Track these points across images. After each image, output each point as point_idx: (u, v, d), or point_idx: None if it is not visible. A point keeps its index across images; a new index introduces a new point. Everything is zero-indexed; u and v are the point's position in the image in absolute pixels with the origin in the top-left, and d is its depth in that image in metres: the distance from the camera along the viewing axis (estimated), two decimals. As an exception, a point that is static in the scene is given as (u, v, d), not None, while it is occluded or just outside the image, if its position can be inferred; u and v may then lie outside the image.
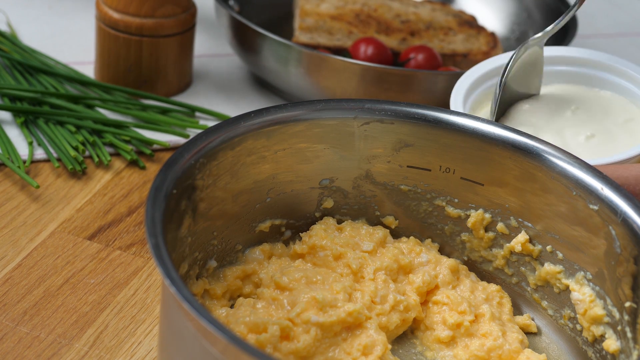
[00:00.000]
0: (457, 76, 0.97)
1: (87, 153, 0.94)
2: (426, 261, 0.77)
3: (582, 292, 0.73)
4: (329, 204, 0.79)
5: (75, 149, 0.93)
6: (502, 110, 0.89)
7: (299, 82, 1.00)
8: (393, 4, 1.18)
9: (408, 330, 0.76)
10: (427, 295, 0.76)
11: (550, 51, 0.95)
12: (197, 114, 1.03)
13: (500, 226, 0.77)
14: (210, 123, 1.01)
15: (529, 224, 0.76)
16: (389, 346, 0.70)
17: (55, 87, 1.01)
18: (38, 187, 0.88)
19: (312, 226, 0.78)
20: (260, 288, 0.73)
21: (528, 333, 0.77)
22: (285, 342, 0.67)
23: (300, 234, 0.78)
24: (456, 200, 0.78)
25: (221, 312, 0.70)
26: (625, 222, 0.69)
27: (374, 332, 0.70)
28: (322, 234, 0.77)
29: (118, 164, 0.94)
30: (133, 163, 0.95)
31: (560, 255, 0.74)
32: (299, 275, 0.72)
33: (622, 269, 0.69)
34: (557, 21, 0.88)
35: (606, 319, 0.71)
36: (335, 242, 0.76)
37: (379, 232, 0.78)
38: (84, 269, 0.81)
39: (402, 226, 0.80)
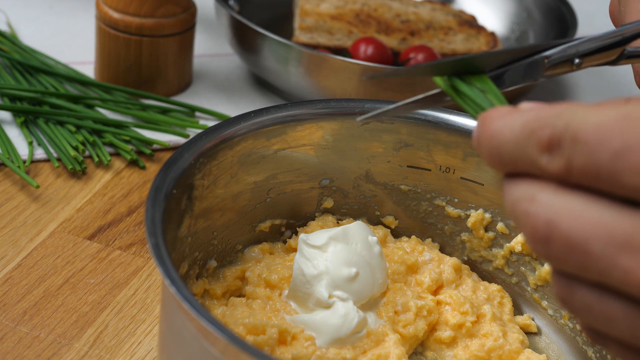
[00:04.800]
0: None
1: (87, 153, 0.94)
2: (429, 259, 0.77)
3: (582, 292, 0.73)
4: (329, 204, 0.79)
5: (75, 148, 0.93)
6: None
7: (299, 82, 1.00)
8: (393, 4, 1.18)
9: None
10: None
11: None
12: (197, 114, 1.03)
13: (500, 226, 0.77)
14: (210, 123, 1.01)
15: (529, 224, 0.76)
16: None
17: (55, 87, 1.01)
18: (38, 187, 0.88)
19: (310, 222, 0.78)
20: (248, 286, 0.73)
21: (528, 333, 0.77)
22: (282, 345, 0.67)
23: (297, 229, 0.79)
24: (456, 200, 0.78)
25: (217, 311, 0.70)
26: (625, 222, 0.69)
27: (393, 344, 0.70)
28: (318, 229, 0.77)
29: (118, 163, 0.94)
30: (133, 163, 0.95)
31: (560, 255, 0.74)
32: (288, 273, 0.72)
33: (622, 269, 0.69)
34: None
35: (606, 319, 0.71)
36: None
37: (379, 232, 0.78)
38: (84, 269, 0.81)
39: (402, 226, 0.80)
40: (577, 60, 0.57)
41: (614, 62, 0.59)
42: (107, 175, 0.93)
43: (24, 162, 0.92)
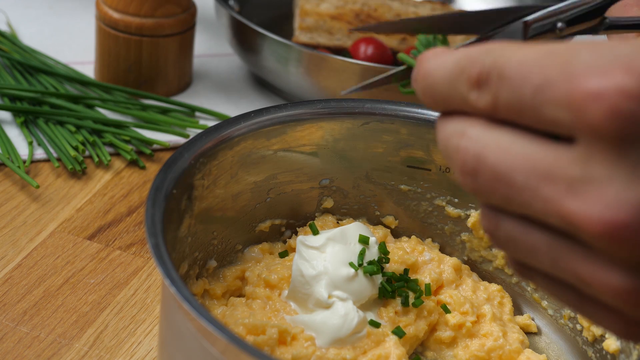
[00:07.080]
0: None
1: (87, 153, 0.94)
2: (429, 259, 0.77)
3: (582, 292, 0.73)
4: (329, 204, 0.79)
5: (75, 148, 0.93)
6: None
7: (299, 82, 1.00)
8: (393, 4, 1.18)
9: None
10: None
11: None
12: (197, 114, 1.03)
13: (500, 226, 0.77)
14: (210, 123, 1.01)
15: (529, 224, 0.76)
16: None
17: (55, 87, 1.01)
18: (38, 187, 0.88)
19: (310, 222, 0.78)
20: (248, 286, 0.73)
21: (528, 333, 0.77)
22: (282, 345, 0.67)
23: (297, 229, 0.79)
24: (456, 200, 0.78)
25: (217, 311, 0.70)
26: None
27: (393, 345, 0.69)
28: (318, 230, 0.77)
29: (118, 163, 0.94)
30: (133, 163, 0.95)
31: (560, 255, 0.74)
32: (288, 273, 0.72)
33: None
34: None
35: (606, 319, 0.71)
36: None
37: (379, 232, 0.78)
38: (84, 269, 0.81)
39: (402, 226, 0.80)
40: (559, 25, 0.58)
41: (596, 30, 0.60)
42: (107, 175, 0.93)
43: (24, 162, 0.92)
